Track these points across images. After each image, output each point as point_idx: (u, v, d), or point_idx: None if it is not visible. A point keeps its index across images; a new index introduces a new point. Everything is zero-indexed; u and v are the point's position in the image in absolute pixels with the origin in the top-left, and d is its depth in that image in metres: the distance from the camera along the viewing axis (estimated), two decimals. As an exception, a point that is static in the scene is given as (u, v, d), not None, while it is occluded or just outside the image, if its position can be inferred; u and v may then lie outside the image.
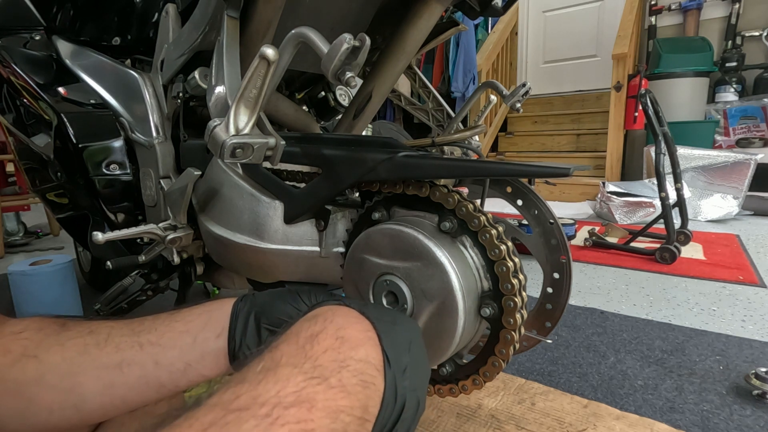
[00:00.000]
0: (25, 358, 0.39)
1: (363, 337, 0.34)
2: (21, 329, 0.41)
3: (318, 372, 0.31)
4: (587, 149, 3.43)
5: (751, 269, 1.55)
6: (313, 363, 0.31)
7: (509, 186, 0.51)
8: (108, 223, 0.79)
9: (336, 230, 0.56)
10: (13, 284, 1.12)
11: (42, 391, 0.38)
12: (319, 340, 0.33)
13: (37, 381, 0.39)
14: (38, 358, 0.39)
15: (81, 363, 0.40)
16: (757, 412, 0.76)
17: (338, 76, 0.41)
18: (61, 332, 0.42)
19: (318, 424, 0.27)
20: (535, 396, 0.78)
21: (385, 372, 0.33)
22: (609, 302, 1.28)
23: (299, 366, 0.31)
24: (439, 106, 1.00)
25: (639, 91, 1.79)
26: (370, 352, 0.34)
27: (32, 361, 0.39)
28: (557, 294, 0.51)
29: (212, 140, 0.45)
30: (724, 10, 3.21)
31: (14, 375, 0.38)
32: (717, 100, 3.07)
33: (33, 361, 0.39)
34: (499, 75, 3.69)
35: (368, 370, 0.32)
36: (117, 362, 0.40)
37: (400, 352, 0.35)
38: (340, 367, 0.32)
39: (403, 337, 0.37)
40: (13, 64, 0.82)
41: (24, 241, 2.21)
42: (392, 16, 0.77)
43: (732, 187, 2.38)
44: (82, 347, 0.41)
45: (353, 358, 0.32)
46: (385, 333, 0.35)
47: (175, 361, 0.41)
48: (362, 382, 0.31)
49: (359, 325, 0.35)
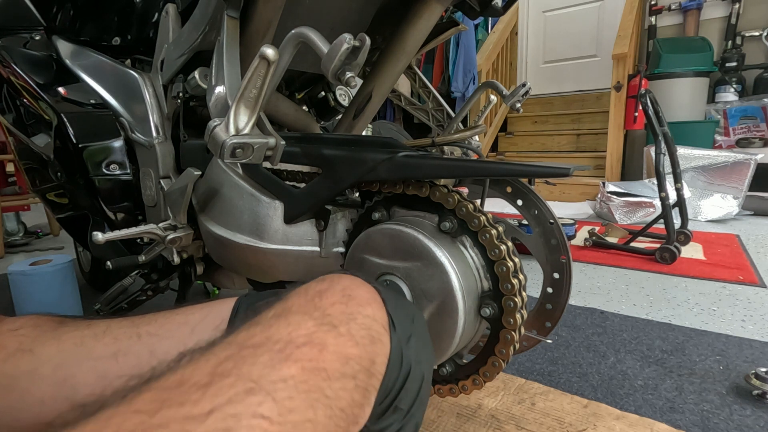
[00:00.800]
0: (20, 352, 0.39)
1: (369, 297, 0.35)
2: (18, 326, 0.41)
3: (328, 320, 0.31)
4: (587, 149, 3.44)
5: (751, 269, 1.55)
6: (323, 312, 0.32)
7: (509, 186, 0.51)
8: (108, 223, 0.79)
9: (336, 230, 0.56)
10: (13, 284, 1.12)
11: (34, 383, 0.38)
12: (327, 295, 0.34)
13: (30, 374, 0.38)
14: (33, 351, 0.39)
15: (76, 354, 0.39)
16: (757, 412, 0.76)
17: (338, 76, 0.41)
18: (59, 328, 0.41)
19: (329, 366, 0.28)
20: (535, 396, 0.78)
21: (391, 334, 0.33)
22: (609, 302, 1.28)
23: (309, 313, 0.31)
24: (439, 106, 1.00)
25: (639, 91, 1.79)
26: (377, 312, 0.34)
27: (26, 355, 0.39)
28: (557, 294, 0.51)
29: (212, 140, 0.45)
30: (724, 10, 3.21)
31: (8, 370, 0.38)
32: (717, 100, 3.07)
33: (27, 355, 0.39)
34: (499, 75, 3.69)
35: (375, 326, 0.33)
36: (113, 352, 0.40)
37: (404, 321, 0.35)
38: (348, 318, 0.32)
39: (406, 309, 0.37)
40: (13, 64, 0.82)
41: (24, 241, 2.21)
42: (392, 16, 0.77)
43: (732, 187, 2.38)
44: (78, 339, 0.40)
45: (361, 313, 0.33)
46: (389, 299, 0.36)
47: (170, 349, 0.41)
48: (370, 336, 0.32)
49: (365, 288, 0.36)
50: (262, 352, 0.27)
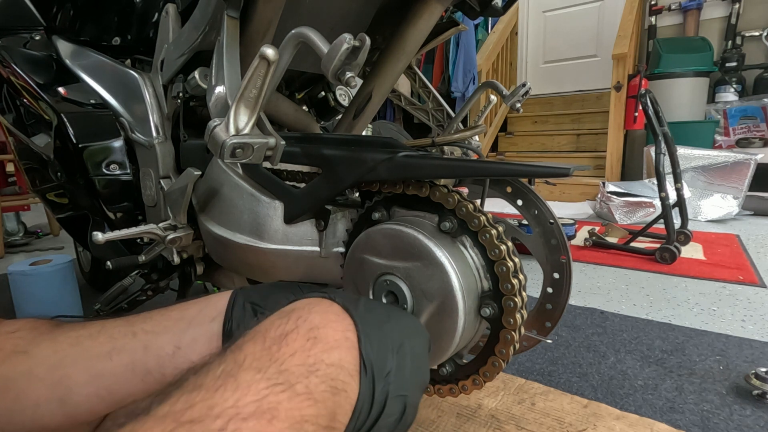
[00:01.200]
0: (15, 354, 0.39)
1: (339, 338, 0.32)
2: (15, 329, 0.41)
3: (283, 378, 0.28)
4: (587, 149, 3.44)
5: (751, 269, 1.55)
6: (279, 367, 0.29)
7: (509, 186, 0.51)
8: (108, 223, 0.79)
9: (336, 230, 0.56)
10: (13, 284, 1.12)
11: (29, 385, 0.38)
12: (288, 341, 0.31)
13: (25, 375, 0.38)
14: (28, 353, 0.39)
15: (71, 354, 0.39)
16: (757, 412, 0.76)
17: (338, 76, 0.41)
18: (55, 329, 0.41)
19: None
20: (535, 396, 0.78)
21: (361, 378, 0.31)
22: (609, 302, 1.28)
23: (263, 370, 0.28)
24: (439, 106, 1.00)
25: (639, 91, 1.79)
26: (345, 356, 0.31)
27: (22, 356, 0.39)
28: (557, 294, 0.51)
29: (212, 140, 0.45)
30: (724, 10, 3.21)
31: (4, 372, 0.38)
32: (717, 100, 3.07)
33: (23, 357, 0.39)
34: (499, 75, 3.69)
35: (340, 375, 0.30)
36: (107, 351, 0.39)
37: (383, 355, 0.33)
38: (308, 372, 0.29)
39: (392, 338, 0.35)
40: (13, 64, 0.82)
41: (24, 241, 2.21)
42: (392, 16, 0.77)
43: (732, 187, 2.38)
44: (74, 339, 0.40)
45: (324, 362, 0.30)
46: (367, 334, 0.33)
47: (164, 344, 0.40)
48: (332, 388, 0.29)
49: (337, 324, 0.33)
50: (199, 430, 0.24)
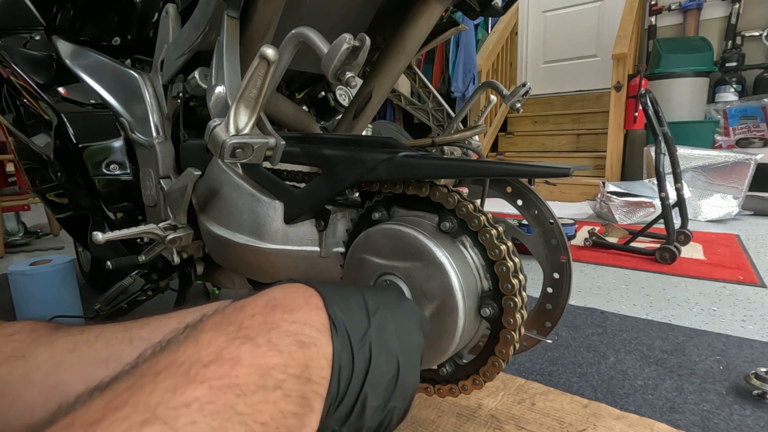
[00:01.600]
0: (13, 358, 0.39)
1: (300, 303, 0.32)
2: (13, 332, 0.41)
3: (243, 333, 0.28)
4: (587, 149, 3.44)
5: (751, 269, 1.55)
6: (238, 326, 0.29)
7: (509, 186, 0.51)
8: (108, 223, 0.79)
9: (336, 230, 0.56)
10: (13, 284, 1.12)
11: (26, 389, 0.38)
12: (246, 309, 0.31)
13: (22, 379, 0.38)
14: (26, 357, 0.39)
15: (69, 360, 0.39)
16: (757, 412, 0.76)
17: (338, 76, 0.41)
18: (53, 333, 0.41)
19: (244, 380, 0.26)
20: (535, 396, 0.78)
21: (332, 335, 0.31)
22: (609, 302, 1.28)
23: (222, 329, 0.29)
24: (439, 106, 1.00)
25: (639, 91, 1.79)
26: (309, 315, 0.31)
27: (19, 360, 0.39)
28: (557, 294, 0.51)
29: (212, 140, 0.45)
30: (724, 10, 3.21)
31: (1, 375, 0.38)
32: (717, 100, 3.07)
33: (20, 361, 0.38)
34: (499, 75, 3.69)
35: (305, 330, 0.30)
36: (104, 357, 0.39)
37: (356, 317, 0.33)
38: (269, 328, 0.29)
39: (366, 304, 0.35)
40: (13, 64, 0.82)
41: (24, 241, 2.21)
42: (392, 16, 0.77)
43: (732, 187, 2.38)
44: (71, 344, 0.40)
45: (286, 321, 0.30)
46: (333, 299, 0.33)
47: None
48: (298, 342, 0.29)
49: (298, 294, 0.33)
50: (165, 377, 0.25)
